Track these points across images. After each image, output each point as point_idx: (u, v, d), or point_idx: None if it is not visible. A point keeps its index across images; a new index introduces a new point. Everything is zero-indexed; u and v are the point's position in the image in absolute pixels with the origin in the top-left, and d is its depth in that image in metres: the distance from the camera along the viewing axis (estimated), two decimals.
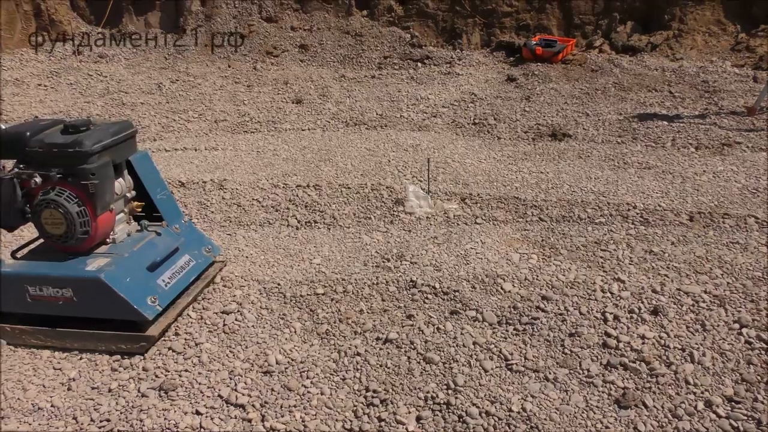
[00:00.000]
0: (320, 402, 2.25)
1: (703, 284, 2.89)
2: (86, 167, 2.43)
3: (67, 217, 2.42)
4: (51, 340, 2.55)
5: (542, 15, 7.67)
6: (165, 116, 5.81)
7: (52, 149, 2.43)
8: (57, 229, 2.46)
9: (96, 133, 2.50)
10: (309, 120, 5.64)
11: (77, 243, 2.50)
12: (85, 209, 2.45)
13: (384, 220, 3.66)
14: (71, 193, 2.44)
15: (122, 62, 7.70)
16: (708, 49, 6.95)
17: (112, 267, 2.48)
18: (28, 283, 2.48)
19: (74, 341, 2.54)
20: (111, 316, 2.50)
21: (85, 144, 2.41)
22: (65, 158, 2.42)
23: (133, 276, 2.52)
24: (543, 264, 3.12)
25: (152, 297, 2.53)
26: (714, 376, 2.32)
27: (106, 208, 2.56)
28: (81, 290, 2.45)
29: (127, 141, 2.67)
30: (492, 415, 2.16)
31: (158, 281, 2.61)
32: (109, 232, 2.64)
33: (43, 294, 2.48)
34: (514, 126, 5.28)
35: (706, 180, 4.06)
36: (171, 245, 2.79)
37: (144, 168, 2.79)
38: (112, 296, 2.42)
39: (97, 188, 2.45)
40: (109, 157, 2.52)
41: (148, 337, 2.51)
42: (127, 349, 2.51)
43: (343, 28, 7.90)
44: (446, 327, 2.64)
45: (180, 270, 2.75)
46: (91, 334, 2.51)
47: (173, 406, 2.24)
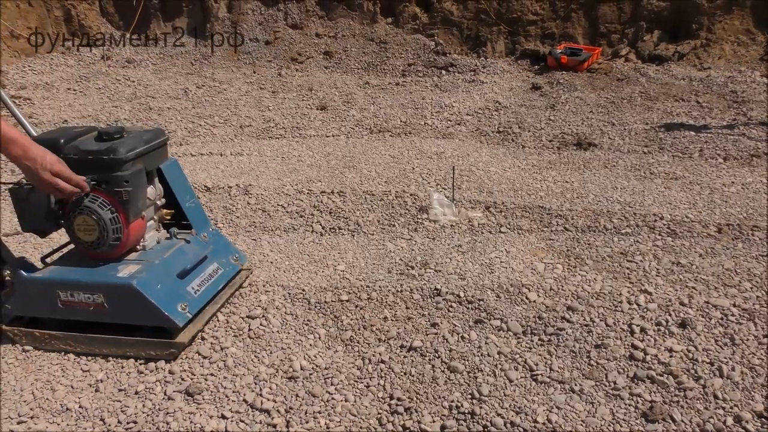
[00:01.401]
0: (344, 409, 2.26)
1: (732, 297, 2.85)
2: (120, 174, 2.45)
3: (100, 224, 2.44)
4: (80, 345, 2.57)
5: (568, 23, 7.64)
6: (191, 121, 5.88)
7: (86, 156, 2.44)
8: (89, 236, 2.48)
9: (130, 140, 2.51)
10: (333, 126, 5.67)
11: (109, 250, 2.51)
12: (117, 216, 2.47)
13: (408, 227, 3.67)
14: (104, 200, 2.46)
15: (149, 67, 7.81)
16: (737, 58, 6.87)
17: (143, 274, 2.49)
18: (59, 289, 2.50)
19: (103, 346, 2.56)
20: (141, 322, 2.52)
21: (119, 151, 2.43)
22: (100, 165, 2.44)
23: (163, 283, 2.53)
24: (568, 274, 3.10)
25: (182, 304, 2.54)
26: (743, 391, 2.28)
27: (138, 216, 2.58)
28: (112, 296, 2.47)
29: (160, 149, 2.69)
30: (517, 426, 2.14)
31: (188, 288, 2.62)
32: (140, 239, 2.66)
33: (74, 300, 2.50)
34: (538, 135, 5.26)
35: (734, 191, 4.01)
36: (200, 253, 2.81)
37: (173, 176, 2.81)
38: (144, 303, 2.43)
39: (130, 195, 2.47)
40: (142, 164, 2.54)
41: (177, 344, 2.52)
42: (156, 355, 2.53)
43: (367, 35, 7.93)
44: (471, 336, 2.63)
45: (209, 278, 2.76)
46: (121, 339, 2.53)
47: (199, 410, 2.26)
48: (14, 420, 2.24)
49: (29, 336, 2.61)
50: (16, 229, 3.56)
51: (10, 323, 2.63)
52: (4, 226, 3.71)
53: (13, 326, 2.61)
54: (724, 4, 7.05)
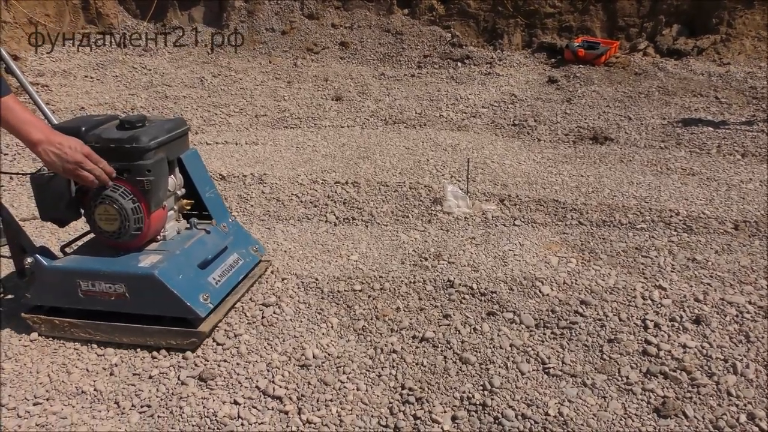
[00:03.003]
0: (356, 397, 2.27)
1: (747, 294, 2.82)
2: (142, 163, 2.43)
3: (122, 213, 2.42)
4: (100, 333, 2.57)
5: (585, 16, 7.57)
6: (207, 110, 5.90)
7: (109, 144, 2.42)
8: (111, 225, 2.47)
9: (152, 129, 2.49)
10: (348, 117, 5.67)
11: (130, 239, 2.50)
12: (139, 206, 2.45)
13: (422, 219, 3.66)
14: (126, 189, 2.44)
15: (166, 56, 7.84)
16: (757, 54, 6.78)
17: (164, 264, 2.48)
18: (80, 278, 2.49)
19: (123, 335, 2.55)
20: (163, 312, 2.51)
21: (142, 140, 2.41)
22: (122, 154, 2.42)
23: (185, 273, 2.52)
24: (582, 268, 3.09)
25: (204, 294, 2.53)
26: (757, 389, 2.26)
27: (160, 205, 2.57)
28: (134, 286, 2.46)
29: (181, 138, 2.67)
30: (528, 418, 2.14)
31: (209, 279, 2.61)
32: (160, 229, 2.65)
33: (95, 289, 2.49)
34: (554, 128, 5.23)
35: (752, 188, 3.97)
36: (220, 244, 2.80)
37: (194, 166, 2.79)
38: (165, 293, 2.42)
39: (152, 185, 2.46)
40: (164, 153, 2.52)
41: (198, 334, 2.51)
42: (176, 345, 2.53)
43: (383, 27, 7.91)
44: (483, 328, 2.63)
45: (229, 268, 2.75)
46: (142, 328, 2.53)
47: (212, 395, 2.28)
48: (30, 402, 2.27)
49: (48, 324, 2.61)
50: (33, 214, 3.60)
51: (29, 312, 2.63)
52: (21, 212, 3.75)
53: (32, 314, 2.62)
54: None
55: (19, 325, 2.67)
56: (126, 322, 2.54)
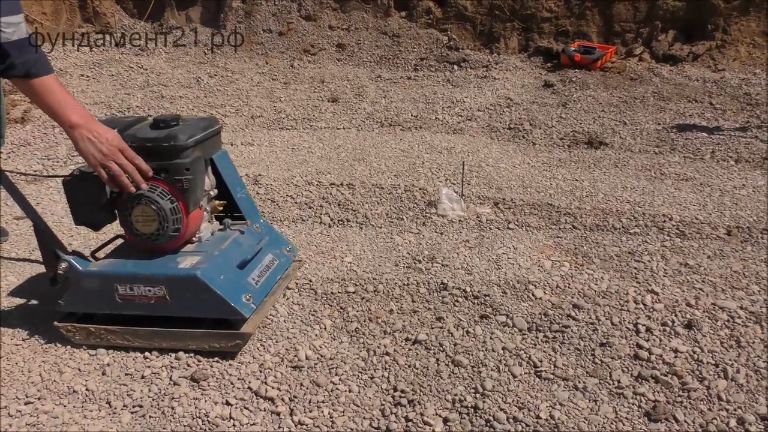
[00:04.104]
0: (348, 399, 2.27)
1: (739, 300, 2.84)
2: (181, 162, 2.37)
3: (160, 214, 2.36)
4: (138, 339, 2.50)
5: (582, 21, 7.60)
6: (203, 110, 5.90)
7: (145, 144, 2.35)
8: (148, 227, 2.40)
9: (188, 127, 2.43)
10: (344, 119, 5.68)
11: (167, 241, 2.44)
12: (177, 206, 2.40)
13: (416, 221, 3.67)
14: (164, 189, 2.38)
15: (162, 55, 7.83)
16: (752, 60, 6.82)
17: (205, 264, 2.42)
18: (118, 282, 2.42)
19: (163, 340, 2.49)
20: (205, 314, 2.45)
21: (179, 138, 2.35)
22: (159, 153, 2.36)
23: (226, 274, 2.47)
24: (575, 272, 3.10)
25: (247, 295, 2.48)
26: (748, 394, 2.28)
27: (197, 205, 2.52)
28: (175, 288, 2.40)
29: (215, 137, 2.62)
30: (519, 421, 2.15)
31: (248, 279, 2.57)
32: (196, 230, 2.59)
33: (133, 293, 2.43)
34: (549, 132, 5.25)
35: (745, 194, 3.99)
36: (255, 244, 2.75)
37: (225, 166, 2.73)
38: (209, 294, 2.37)
39: (191, 184, 2.41)
40: (200, 152, 2.47)
41: (242, 335, 2.46)
42: (220, 347, 2.47)
43: (380, 29, 7.93)
44: (476, 331, 2.64)
45: (266, 269, 2.70)
46: (184, 332, 2.46)
47: (204, 396, 2.28)
48: (21, 401, 2.26)
49: (84, 332, 2.52)
50: None
51: (62, 320, 2.54)
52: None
53: (66, 323, 2.53)
54: (741, 5, 7.00)
55: (10, 323, 2.66)
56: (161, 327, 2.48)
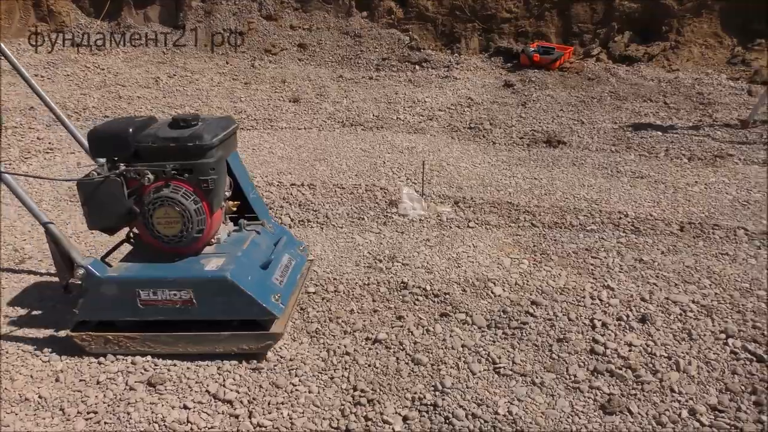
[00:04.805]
0: (308, 400, 2.26)
1: (691, 294, 2.91)
2: (206, 162, 2.32)
3: (185, 216, 2.31)
4: (161, 346, 2.44)
5: (541, 22, 7.70)
6: (161, 111, 5.81)
7: (168, 144, 2.29)
8: (171, 229, 2.34)
9: (211, 126, 2.37)
10: (305, 119, 5.65)
11: (190, 243, 2.39)
12: (201, 207, 2.35)
13: (377, 221, 3.68)
14: (187, 189, 2.33)
15: (120, 55, 7.69)
16: (704, 61, 6.99)
17: (233, 266, 2.37)
18: (140, 288, 2.35)
19: (188, 345, 2.43)
20: (234, 316, 2.40)
21: (205, 137, 2.29)
22: (184, 153, 2.30)
23: (252, 275, 2.43)
24: (534, 269, 3.14)
25: (276, 295, 2.45)
26: (699, 385, 2.34)
27: (219, 206, 2.47)
28: (203, 291, 2.34)
29: (233, 137, 2.56)
30: (478, 418, 2.17)
31: (273, 279, 2.52)
32: (216, 231, 2.53)
33: (156, 298, 2.35)
34: (509, 131, 5.31)
35: (697, 191, 4.09)
36: (272, 244, 2.72)
37: (237, 166, 2.68)
38: (240, 295, 2.32)
39: (215, 184, 2.35)
40: (222, 151, 2.42)
41: (273, 335, 2.42)
42: (249, 349, 2.43)
43: (342, 29, 7.91)
44: (435, 329, 2.65)
45: (285, 269, 2.66)
46: (211, 336, 2.41)
47: (161, 400, 2.25)
48: None
49: (100, 340, 2.44)
50: None
51: (74, 329, 2.46)
52: None
53: (79, 332, 2.45)
54: (694, 7, 7.18)
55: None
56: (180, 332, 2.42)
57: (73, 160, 4.60)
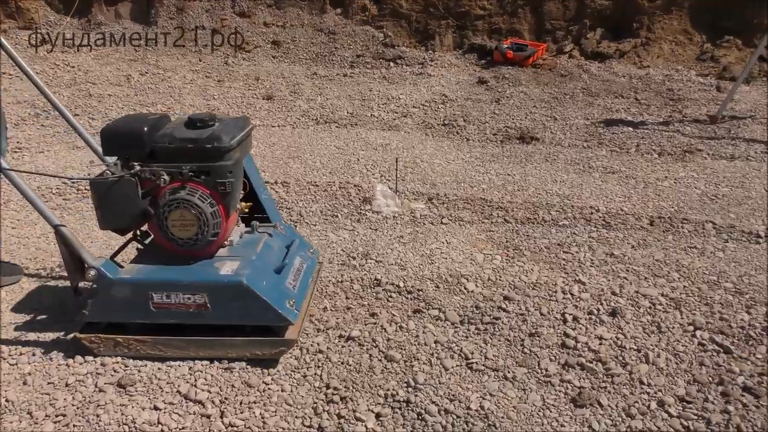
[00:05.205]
0: (280, 399, 2.25)
1: (660, 287, 2.95)
2: (225, 164, 2.27)
3: (201, 218, 2.26)
4: (172, 349, 2.40)
5: (514, 19, 7.74)
6: (132, 109, 5.75)
7: (186, 145, 2.24)
8: (186, 232, 2.29)
9: (229, 127, 2.32)
10: (279, 117, 5.62)
11: (205, 246, 2.34)
12: (218, 210, 2.30)
13: (351, 218, 3.67)
14: (204, 192, 2.28)
15: (90, 53, 7.57)
16: (674, 57, 7.09)
17: (249, 270, 2.33)
18: (153, 290, 2.29)
19: (200, 349, 2.39)
20: (249, 321, 2.36)
21: (223, 139, 2.24)
22: (201, 154, 2.24)
23: (267, 279, 2.39)
24: (506, 265, 3.16)
25: (290, 300, 2.40)
26: (667, 377, 2.37)
27: (235, 209, 2.42)
28: (218, 296, 2.30)
29: (249, 137, 2.50)
30: (450, 413, 2.18)
31: (286, 284, 2.48)
32: (230, 233, 2.49)
33: (170, 301, 2.30)
34: (483, 128, 5.34)
35: (667, 186, 4.15)
36: (284, 247, 2.68)
37: (250, 167, 2.64)
38: (255, 301, 2.28)
39: (233, 187, 2.31)
40: (239, 153, 2.36)
41: (287, 341, 2.39)
42: (263, 355, 2.40)
43: (316, 26, 7.88)
44: (409, 325, 2.66)
45: (297, 272, 2.61)
46: (224, 341, 2.37)
47: (131, 402, 2.22)
48: None
49: (109, 343, 2.40)
50: None
51: (82, 331, 2.41)
52: None
53: (88, 333, 2.40)
54: (664, 4, 7.27)
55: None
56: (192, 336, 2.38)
57: (43, 159, 4.52)
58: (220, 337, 2.38)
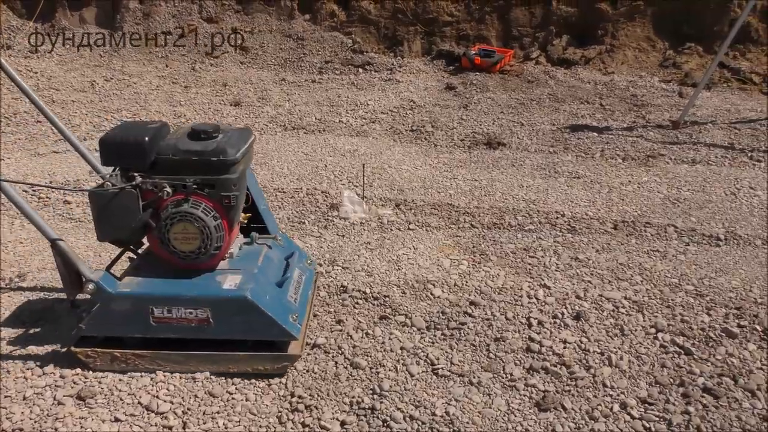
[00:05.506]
0: (244, 408, 2.23)
1: (623, 290, 2.99)
2: (230, 177, 2.23)
3: (204, 232, 2.22)
4: (171, 364, 2.35)
5: (482, 25, 7.81)
6: (97, 115, 5.66)
7: (190, 157, 2.20)
8: (188, 245, 2.25)
9: (233, 139, 2.27)
10: (246, 123, 5.58)
11: (207, 260, 2.30)
12: (221, 223, 2.26)
13: (318, 224, 3.66)
14: (208, 205, 2.24)
15: (54, 58, 7.45)
16: (638, 64, 7.22)
17: (252, 285, 2.29)
18: (154, 304, 2.25)
19: (200, 364, 2.35)
20: (252, 336, 2.32)
21: (229, 152, 2.20)
22: (206, 167, 2.21)
23: (270, 293, 2.35)
24: (473, 270, 3.18)
25: (293, 315, 2.37)
26: (630, 379, 2.41)
27: (237, 221, 2.39)
28: (221, 311, 2.26)
29: (251, 149, 2.46)
30: (416, 419, 2.18)
31: (287, 298, 2.44)
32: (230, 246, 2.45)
33: (171, 316, 2.26)
34: (450, 134, 5.36)
35: (631, 190, 4.21)
36: (283, 259, 2.65)
37: (251, 179, 2.60)
38: (259, 316, 2.25)
39: (237, 200, 2.27)
40: (243, 165, 2.33)
41: (290, 356, 2.36)
42: (265, 370, 2.36)
43: (284, 32, 7.85)
44: (375, 332, 2.65)
45: (297, 285, 2.58)
46: (226, 355, 2.33)
47: (91, 414, 2.18)
48: None
49: (106, 357, 2.35)
50: None
51: (77, 344, 2.35)
52: None
53: (84, 347, 2.35)
54: (627, 12, 7.40)
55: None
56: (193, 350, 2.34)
57: (3, 167, 4.42)
58: (221, 352, 2.34)
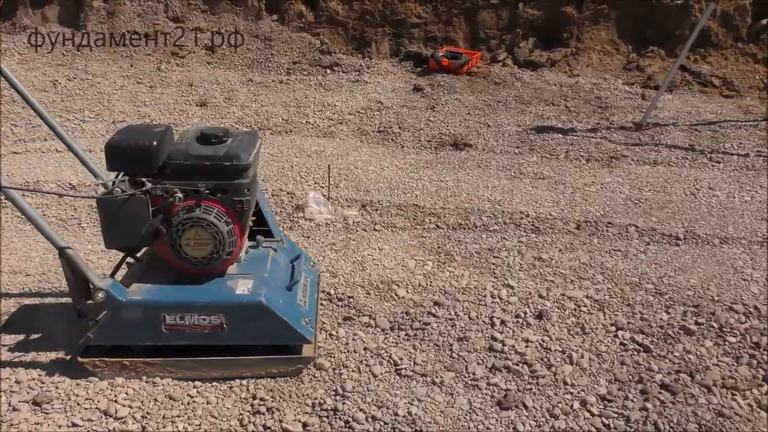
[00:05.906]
0: (205, 411, 2.21)
1: (585, 289, 3.04)
2: (243, 182, 2.20)
3: (217, 237, 2.18)
4: (182, 371, 2.31)
5: (450, 27, 7.85)
6: (58, 115, 5.55)
7: (203, 162, 2.16)
8: (200, 251, 2.21)
9: (243, 143, 2.24)
10: (212, 123, 5.53)
11: (219, 265, 2.27)
12: (233, 228, 2.22)
13: (283, 226, 3.64)
14: (220, 210, 2.20)
15: (15, 57, 7.28)
16: (602, 66, 7.33)
17: (264, 289, 2.26)
18: (166, 312, 2.19)
19: (212, 370, 2.31)
20: (266, 341, 2.30)
21: (242, 157, 2.17)
22: (219, 172, 2.17)
23: (282, 298, 2.33)
24: (437, 270, 3.19)
25: (306, 318, 2.35)
26: (590, 377, 2.44)
27: (248, 226, 2.35)
28: (236, 316, 2.22)
29: (259, 153, 2.42)
30: (378, 420, 2.18)
31: (297, 301, 2.41)
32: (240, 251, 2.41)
33: (183, 323, 2.21)
34: (417, 135, 5.38)
35: (594, 191, 4.28)
36: (289, 261, 2.62)
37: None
38: (274, 321, 2.22)
39: (249, 205, 2.24)
40: (254, 170, 2.30)
41: (305, 359, 2.34)
42: (278, 373, 2.34)
43: (252, 32, 7.79)
44: (339, 333, 2.65)
45: (305, 288, 2.55)
46: (238, 360, 2.30)
47: (47, 420, 2.14)
48: None
49: (114, 366, 2.29)
50: None
51: (84, 354, 2.29)
52: None
53: (90, 357, 2.28)
54: (592, 15, 7.51)
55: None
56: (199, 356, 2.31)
57: None
58: (234, 357, 2.32)
